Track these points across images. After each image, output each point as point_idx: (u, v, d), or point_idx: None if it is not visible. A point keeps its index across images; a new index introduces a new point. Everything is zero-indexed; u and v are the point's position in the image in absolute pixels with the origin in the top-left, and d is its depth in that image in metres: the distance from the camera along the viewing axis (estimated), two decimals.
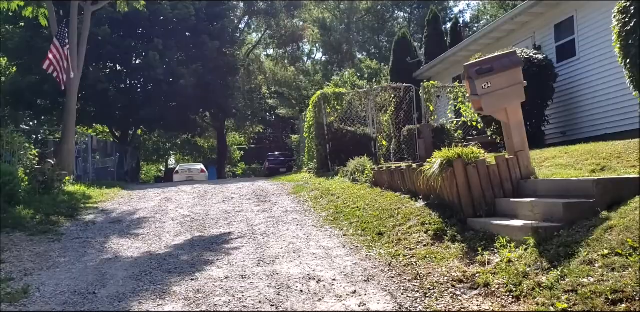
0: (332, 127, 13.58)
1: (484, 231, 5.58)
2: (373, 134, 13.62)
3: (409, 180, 7.70)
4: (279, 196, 10.88)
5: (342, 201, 8.87)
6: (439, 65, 18.35)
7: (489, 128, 12.23)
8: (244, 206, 9.79)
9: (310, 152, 16.10)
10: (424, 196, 7.04)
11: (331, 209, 8.56)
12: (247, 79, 33.10)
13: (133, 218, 9.08)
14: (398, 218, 6.82)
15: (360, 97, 13.90)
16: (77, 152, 17.98)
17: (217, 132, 36.03)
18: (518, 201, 5.74)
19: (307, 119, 16.71)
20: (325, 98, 13.71)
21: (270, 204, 9.92)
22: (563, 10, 12.07)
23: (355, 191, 9.28)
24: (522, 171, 6.28)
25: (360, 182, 9.75)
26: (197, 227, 8.04)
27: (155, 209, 9.95)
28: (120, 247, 6.97)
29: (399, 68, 20.34)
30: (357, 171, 10.08)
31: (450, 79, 17.91)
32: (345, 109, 13.82)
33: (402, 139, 14.18)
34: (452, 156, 6.28)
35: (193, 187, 14.06)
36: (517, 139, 6.39)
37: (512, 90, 6.26)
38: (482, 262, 5.02)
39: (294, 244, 6.58)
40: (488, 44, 15.44)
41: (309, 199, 9.93)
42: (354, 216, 7.67)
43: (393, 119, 13.98)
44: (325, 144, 13.54)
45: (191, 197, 11.43)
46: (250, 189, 12.56)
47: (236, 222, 8.33)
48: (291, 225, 7.75)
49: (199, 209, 9.66)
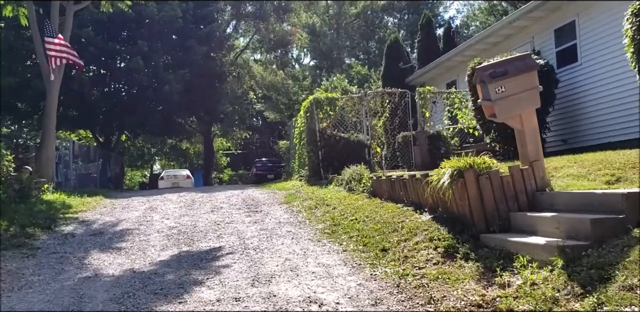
0: (324, 133, 13.09)
1: (500, 248, 5.12)
2: (367, 141, 13.16)
3: (413, 191, 7.23)
4: (270, 206, 10.35)
5: (339, 212, 8.37)
6: (433, 70, 17.98)
7: (488, 135, 11.84)
8: (234, 217, 9.25)
9: (301, 159, 15.59)
10: (430, 209, 6.57)
11: (327, 220, 8.06)
12: (235, 84, 32.52)
13: (115, 230, 8.49)
14: (402, 232, 6.34)
15: (353, 102, 13.45)
16: (57, 158, 17.30)
17: (203, 138, 35.36)
18: (537, 215, 5.29)
19: (297, 125, 16.22)
20: (317, 103, 13.23)
21: (262, 214, 9.39)
22: (564, 14, 11.74)
23: (352, 201, 8.79)
24: (537, 182, 5.84)
25: (357, 191, 9.26)
26: (184, 241, 7.49)
27: (140, 219, 9.37)
28: (100, 264, 6.40)
29: (391, 73, 19.94)
30: (353, 179, 9.60)
31: (445, 84, 17.55)
32: (338, 115, 13.35)
33: (396, 146, 13.74)
34: (462, 165, 5.83)
35: (179, 195, 13.47)
36: (531, 147, 5.95)
37: (527, 95, 5.82)
38: (502, 285, 4.55)
39: (291, 260, 6.06)
40: (484, 49, 15.09)
41: (302, 209, 9.41)
42: (353, 229, 7.18)
43: (387, 125, 13.54)
44: (318, 151, 13.05)
45: (178, 207, 10.86)
46: (239, 198, 12.01)
47: (226, 234, 7.79)
48: (286, 238, 7.23)
49: (186, 220, 9.10)
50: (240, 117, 33.79)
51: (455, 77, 17.14)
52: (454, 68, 17.11)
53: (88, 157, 23.56)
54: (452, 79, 17.26)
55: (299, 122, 15.85)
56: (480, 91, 5.99)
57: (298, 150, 16.14)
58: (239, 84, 32.89)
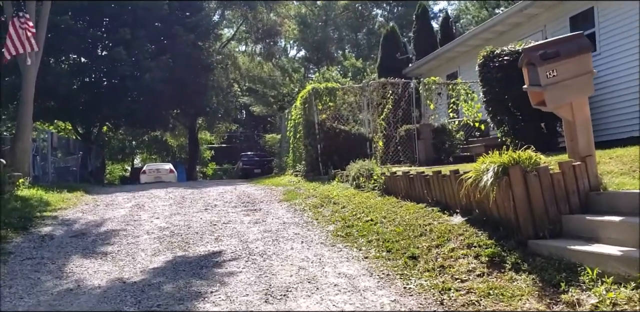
0: (323, 125, 12.27)
1: (558, 257, 4.38)
2: (368, 134, 12.38)
3: (437, 189, 6.46)
4: (269, 204, 9.51)
5: (350, 211, 7.58)
6: (432, 61, 17.23)
7: (500, 129, 11.11)
8: (231, 216, 8.40)
9: (296, 153, 14.76)
10: (463, 210, 5.81)
11: (338, 221, 7.26)
12: (221, 75, 31.43)
13: (100, 231, 7.60)
14: (432, 237, 5.57)
15: (354, 93, 12.64)
16: (35, 151, 16.23)
17: (187, 131, 34.24)
18: (599, 219, 4.55)
19: (292, 117, 15.38)
20: (316, 93, 12.39)
21: (262, 213, 8.56)
22: (580, 1, 11.05)
23: (362, 199, 8.00)
24: (590, 180, 5.10)
25: (366, 189, 8.47)
26: (178, 244, 6.64)
27: (127, 218, 8.47)
28: (84, 272, 5.54)
29: (387, 65, 19.16)
30: (361, 175, 8.80)
31: (445, 76, 16.80)
32: (338, 106, 12.54)
33: (398, 140, 12.97)
34: (507, 161, 5.07)
35: (167, 191, 12.54)
36: (583, 141, 5.21)
37: (580, 80, 5.08)
38: (571, 303, 3.80)
39: (306, 269, 5.26)
40: (489, 39, 14.37)
41: (306, 207, 8.60)
42: (370, 231, 6.39)
43: (390, 117, 12.77)
44: (316, 145, 12.22)
45: (167, 204, 9.96)
46: (234, 195, 11.14)
47: (225, 237, 6.95)
48: (294, 242, 6.42)
49: (178, 220, 8.22)
50: (226, 110, 32.73)
51: (456, 68, 16.42)
52: (455, 59, 16.39)
53: (67, 149, 22.37)
54: (453, 71, 16.53)
55: (293, 114, 15.00)
56: (527, 75, 5.22)
57: (292, 143, 15.29)
58: (225, 76, 31.83)
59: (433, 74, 16.92)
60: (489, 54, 10.80)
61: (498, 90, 10.66)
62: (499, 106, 10.83)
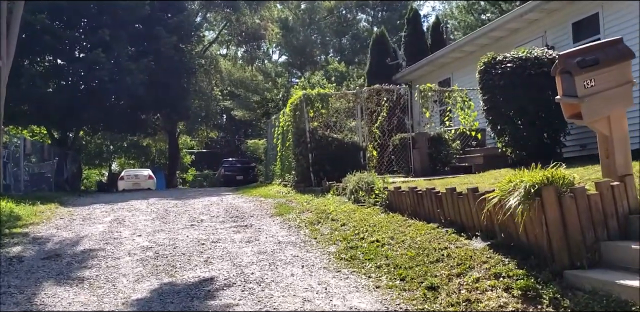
0: (315, 133, 11.67)
1: (605, 293, 3.83)
2: (362, 143, 11.82)
3: (451, 208, 5.90)
4: (260, 218, 8.87)
5: (351, 229, 6.98)
6: (424, 67, 16.77)
7: (500, 138, 10.65)
8: (220, 233, 7.75)
9: (284, 162, 14.13)
10: (484, 233, 5.25)
11: (339, 241, 6.65)
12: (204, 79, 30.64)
13: (76, 251, 6.88)
14: (451, 263, 5.00)
15: (348, 99, 12.08)
16: (6, 157, 15.34)
17: (168, 135, 33.30)
18: None
19: (280, 124, 14.76)
20: (308, 100, 11.79)
21: (254, 230, 7.92)
22: (585, 6, 10.65)
23: (364, 216, 7.41)
24: (630, 202, 4.59)
25: (366, 204, 7.89)
26: (164, 268, 5.97)
27: (105, 236, 7.76)
28: (57, 303, 4.86)
29: (377, 70, 18.65)
30: (360, 189, 8.22)
31: (437, 83, 16.34)
32: (331, 113, 11.96)
33: (392, 149, 12.44)
34: (539, 180, 4.53)
35: (149, 203, 11.81)
36: (620, 158, 4.70)
37: (620, 91, 4.58)
38: None
39: (312, 301, 4.65)
40: (485, 45, 13.96)
41: (302, 224, 7.98)
42: (378, 254, 5.80)
43: (385, 125, 12.23)
44: (308, 154, 11.61)
45: (149, 219, 9.25)
46: (220, 208, 10.47)
47: (216, 259, 6.30)
48: (294, 266, 5.79)
49: (162, 238, 7.54)
50: (207, 115, 31.90)
51: (449, 74, 15.98)
52: (448, 65, 15.95)
53: (42, 155, 21.39)
54: (446, 77, 16.09)
55: (281, 121, 14.39)
56: (560, 85, 4.69)
57: (281, 152, 14.67)
58: (207, 79, 31.04)
59: (424, 81, 16.46)
60: (490, 61, 10.34)
61: (500, 99, 10.19)
62: (500, 115, 10.37)
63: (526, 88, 9.83)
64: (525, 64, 9.89)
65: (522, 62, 9.91)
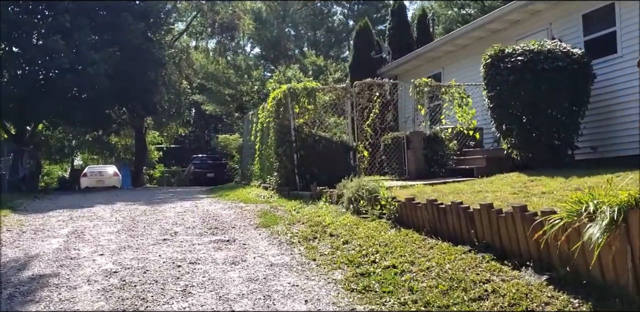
0: (301, 132, 10.54)
1: None
2: (352, 142, 10.75)
3: (487, 228, 4.87)
4: (244, 231, 7.70)
5: (357, 249, 5.90)
6: (412, 61, 15.79)
7: (506, 139, 9.74)
8: (199, 251, 6.56)
9: (265, 163, 12.96)
10: (538, 263, 4.23)
11: (345, 264, 5.56)
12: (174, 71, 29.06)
13: (22, 278, 5.61)
14: (500, 303, 3.96)
15: (337, 94, 10.98)
16: None
17: (135, 131, 31.58)
18: None
19: (259, 120, 13.57)
20: (293, 94, 10.64)
21: (238, 246, 6.76)
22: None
23: (369, 231, 6.34)
24: None
25: (370, 216, 6.82)
26: (132, 302, 4.77)
27: (60, 255, 6.49)
28: None
29: (361, 63, 17.57)
30: (361, 197, 7.14)
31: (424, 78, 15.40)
32: (318, 110, 10.84)
33: (384, 149, 11.42)
34: (624, 201, 3.53)
35: (114, 210, 10.49)
36: None
37: None
38: None
39: None
40: (481, 38, 13.06)
41: (294, 239, 6.86)
42: (398, 285, 4.72)
43: (377, 123, 11.20)
44: (293, 154, 10.48)
45: (114, 231, 7.98)
46: (196, 216, 9.25)
47: (196, 287, 5.13)
48: (295, 301, 4.67)
49: (129, 258, 6.32)
50: (177, 109, 30.35)
51: (439, 69, 15.03)
52: (438, 59, 15.00)
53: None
54: (436, 72, 15.13)
55: (261, 117, 13.20)
56: None
57: (260, 150, 13.48)
58: (178, 71, 29.47)
59: (411, 75, 15.50)
60: (497, 54, 9.41)
61: (508, 96, 9.28)
62: (508, 114, 9.47)
63: (538, 84, 8.93)
64: (538, 57, 9.00)
65: (534, 56, 9.02)
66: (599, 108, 9.59)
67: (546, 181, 7.62)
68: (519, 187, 7.42)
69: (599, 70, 9.45)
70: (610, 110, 9.56)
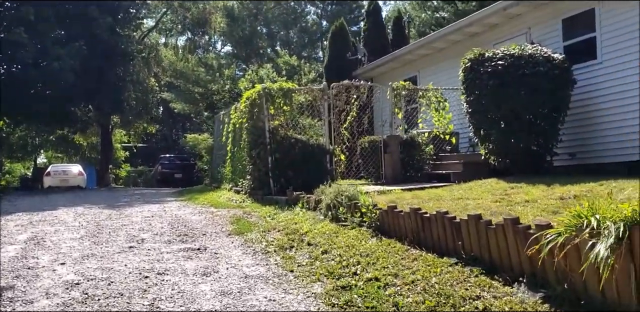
0: (276, 134, 10.21)
1: None
2: (329, 146, 10.47)
3: (476, 240, 4.65)
4: (215, 238, 7.34)
5: (337, 259, 5.61)
6: (388, 64, 15.61)
7: (484, 145, 9.59)
8: (168, 261, 6.18)
9: (237, 165, 12.57)
10: (531, 279, 4.01)
11: (324, 276, 5.27)
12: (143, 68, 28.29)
13: None
14: None
15: (314, 96, 10.68)
16: None
17: (101, 129, 30.66)
18: None
19: (231, 120, 13.18)
20: (268, 95, 10.30)
21: (209, 255, 6.40)
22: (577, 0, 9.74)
23: (350, 240, 6.06)
24: None
25: (350, 224, 6.55)
26: None
27: (16, 265, 6.03)
28: None
29: (336, 64, 17.32)
30: (340, 204, 6.87)
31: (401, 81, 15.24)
32: (294, 111, 10.53)
33: (360, 153, 11.18)
34: (629, 217, 3.33)
35: (77, 213, 9.97)
36: None
37: None
38: None
39: None
40: (458, 41, 12.95)
41: (270, 248, 6.53)
42: (382, 300, 4.45)
43: (355, 126, 10.95)
44: (267, 157, 10.14)
45: (77, 237, 7.52)
46: (164, 221, 8.83)
47: (165, 301, 4.77)
48: None
49: (93, 267, 5.90)
50: (145, 107, 29.59)
51: (415, 72, 14.88)
52: (414, 62, 14.86)
53: None
54: (411, 75, 14.98)
55: (233, 117, 12.81)
56: None
57: (232, 152, 13.09)
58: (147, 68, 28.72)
59: (387, 78, 15.33)
60: (477, 58, 9.26)
61: (487, 100, 9.13)
62: (486, 119, 9.33)
63: (518, 89, 8.80)
64: (519, 62, 8.87)
65: (515, 60, 8.89)
66: (578, 114, 9.54)
67: (527, 188, 7.47)
68: (500, 195, 7.25)
69: (579, 76, 9.39)
70: (590, 117, 9.51)
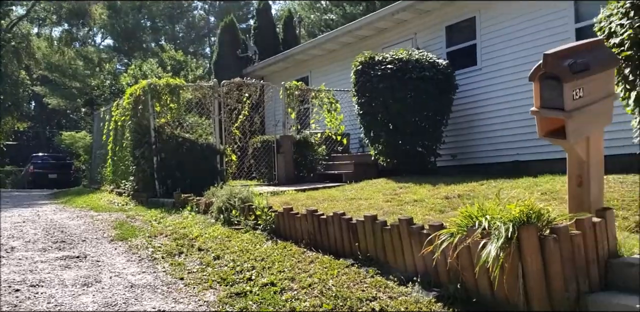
0: (162, 132, 9.72)
1: None
2: (220, 145, 10.15)
3: (372, 241, 4.66)
4: (96, 244, 6.79)
5: (231, 265, 5.40)
6: (279, 63, 15.52)
7: (374, 146, 9.81)
8: (43, 271, 5.60)
9: (119, 165, 11.81)
10: (424, 278, 4.07)
11: (217, 282, 5.03)
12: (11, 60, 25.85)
13: None
14: None
15: (203, 93, 10.28)
16: None
17: None
18: None
19: (113, 118, 12.40)
20: (154, 91, 9.77)
21: (90, 264, 5.90)
22: (461, 9, 10.26)
23: (244, 244, 5.86)
24: (609, 243, 3.76)
25: (243, 227, 6.36)
26: None
27: None
28: None
29: (226, 61, 16.93)
30: (232, 206, 6.65)
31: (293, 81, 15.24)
32: (182, 109, 10.08)
33: (252, 153, 10.99)
34: (517, 217, 3.47)
35: None
36: (596, 188, 3.86)
37: (604, 106, 3.71)
38: None
39: None
40: (348, 44, 13.16)
41: (157, 254, 6.15)
42: (278, 306, 4.32)
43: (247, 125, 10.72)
44: (152, 157, 9.62)
45: None
46: (38, 226, 8.04)
47: None
48: None
49: None
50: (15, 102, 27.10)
51: (307, 73, 14.94)
52: (306, 63, 14.91)
53: None
54: (303, 75, 15.02)
55: (115, 115, 12.05)
56: (539, 93, 3.63)
57: (113, 151, 12.29)
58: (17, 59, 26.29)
59: (279, 77, 15.27)
60: (368, 61, 9.44)
61: (377, 103, 9.34)
62: (376, 121, 9.55)
63: (405, 93, 9.09)
64: (406, 66, 9.16)
65: (403, 64, 9.17)
66: (459, 117, 10.05)
67: (415, 188, 7.73)
68: (390, 194, 7.43)
69: (460, 81, 9.89)
70: (469, 120, 10.06)
